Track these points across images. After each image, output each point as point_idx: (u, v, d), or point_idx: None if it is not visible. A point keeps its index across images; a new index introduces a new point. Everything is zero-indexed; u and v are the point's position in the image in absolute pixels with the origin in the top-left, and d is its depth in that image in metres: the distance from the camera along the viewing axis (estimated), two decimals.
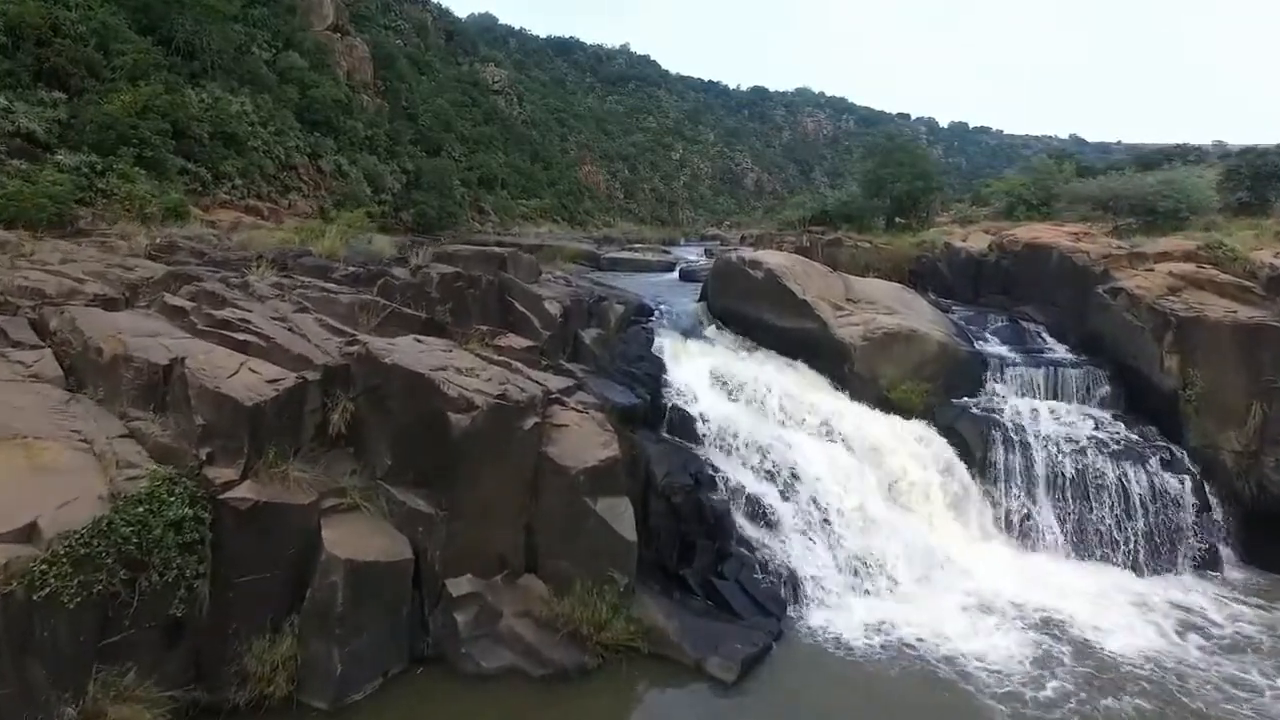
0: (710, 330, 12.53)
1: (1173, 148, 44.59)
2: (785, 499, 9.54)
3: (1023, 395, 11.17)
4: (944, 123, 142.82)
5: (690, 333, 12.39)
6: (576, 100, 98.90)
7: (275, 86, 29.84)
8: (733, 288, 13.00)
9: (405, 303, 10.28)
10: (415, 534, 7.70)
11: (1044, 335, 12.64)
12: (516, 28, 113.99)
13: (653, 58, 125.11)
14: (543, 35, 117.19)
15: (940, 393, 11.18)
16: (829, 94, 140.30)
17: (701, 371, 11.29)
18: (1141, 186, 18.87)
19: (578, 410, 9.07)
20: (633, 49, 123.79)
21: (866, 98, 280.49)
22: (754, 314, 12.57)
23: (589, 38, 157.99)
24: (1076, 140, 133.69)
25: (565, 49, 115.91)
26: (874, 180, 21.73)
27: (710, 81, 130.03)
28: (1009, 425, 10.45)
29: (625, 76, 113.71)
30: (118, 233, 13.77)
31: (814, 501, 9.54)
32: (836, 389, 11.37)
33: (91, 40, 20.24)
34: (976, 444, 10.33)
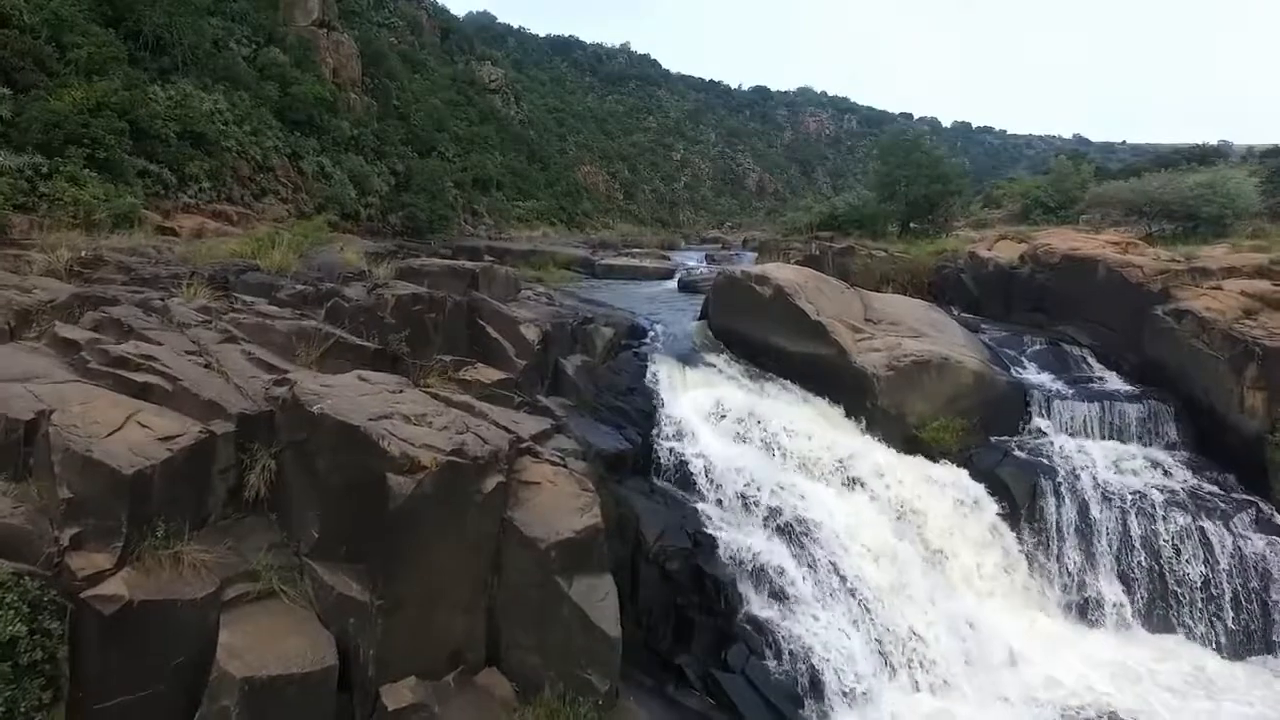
0: (711, 356, 11.03)
1: (1190, 148, 43.01)
2: (801, 564, 8.04)
3: (1073, 434, 9.66)
4: (947, 122, 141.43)
5: (689, 359, 10.89)
6: (576, 100, 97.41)
7: (254, 84, 28.37)
8: (737, 306, 11.51)
9: (355, 329, 8.79)
10: (345, 626, 6.18)
11: (1090, 361, 11.13)
12: (515, 26, 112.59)
13: (653, 57, 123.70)
14: (542, 34, 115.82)
15: (977, 431, 9.68)
16: (831, 94, 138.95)
17: (702, 405, 9.81)
18: (1181, 189, 17.39)
19: (553, 463, 7.57)
20: (633, 48, 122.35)
21: (869, 97, 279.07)
22: (761, 337, 11.08)
23: (589, 37, 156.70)
24: (1080, 140, 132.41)
25: (565, 48, 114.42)
26: (887, 182, 20.22)
27: (711, 81, 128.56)
28: (1060, 472, 8.94)
29: (625, 76, 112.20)
30: (48, 243, 12.30)
31: (834, 568, 8.04)
32: (857, 426, 9.87)
33: (43, 31, 18.75)
34: (1022, 495, 8.82)
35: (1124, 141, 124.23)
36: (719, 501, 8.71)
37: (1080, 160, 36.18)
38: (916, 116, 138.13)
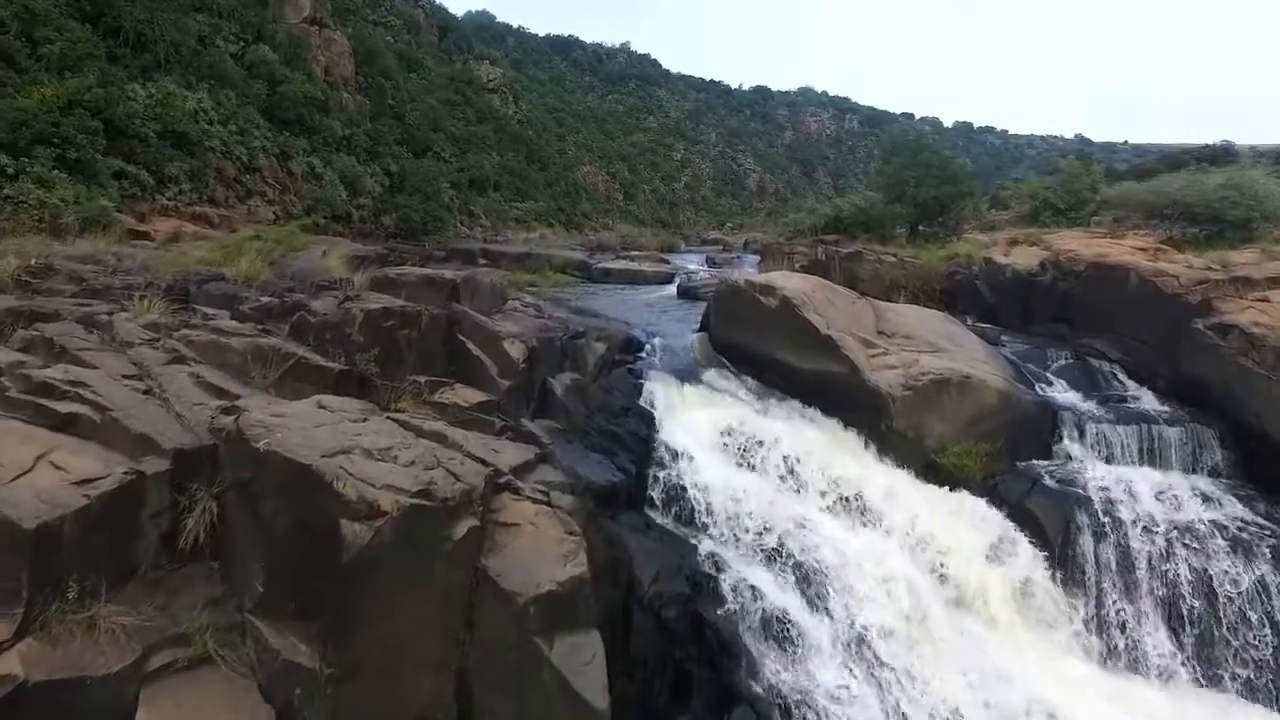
0: (712, 373, 10.22)
1: (1200, 148, 42.23)
2: (813, 611, 7.23)
3: (1108, 460, 8.84)
4: (948, 122, 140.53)
5: (688, 375, 10.08)
6: (576, 100, 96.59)
7: (241, 82, 27.56)
8: (740, 318, 10.70)
9: (321, 347, 7.98)
10: (291, 697, 5.36)
11: (1121, 377, 10.30)
12: (515, 26, 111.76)
13: (653, 56, 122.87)
14: (541, 33, 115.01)
15: (1002, 456, 8.87)
16: (832, 94, 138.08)
17: (702, 428, 9.00)
18: (1205, 191, 16.54)
19: (535, 500, 6.76)
20: (633, 48, 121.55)
21: (870, 97, 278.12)
22: (766, 351, 10.27)
23: (589, 36, 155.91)
24: (1082, 140, 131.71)
25: (564, 47, 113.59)
26: (894, 184, 19.38)
27: (712, 81, 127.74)
28: (1096, 503, 8.12)
29: (625, 75, 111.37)
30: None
31: (850, 617, 7.22)
32: (871, 451, 9.05)
33: (13, 26, 17.95)
34: (1055, 529, 7.99)
35: (1126, 141, 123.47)
36: (721, 538, 7.90)
37: (1090, 161, 35.36)
38: (918, 116, 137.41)
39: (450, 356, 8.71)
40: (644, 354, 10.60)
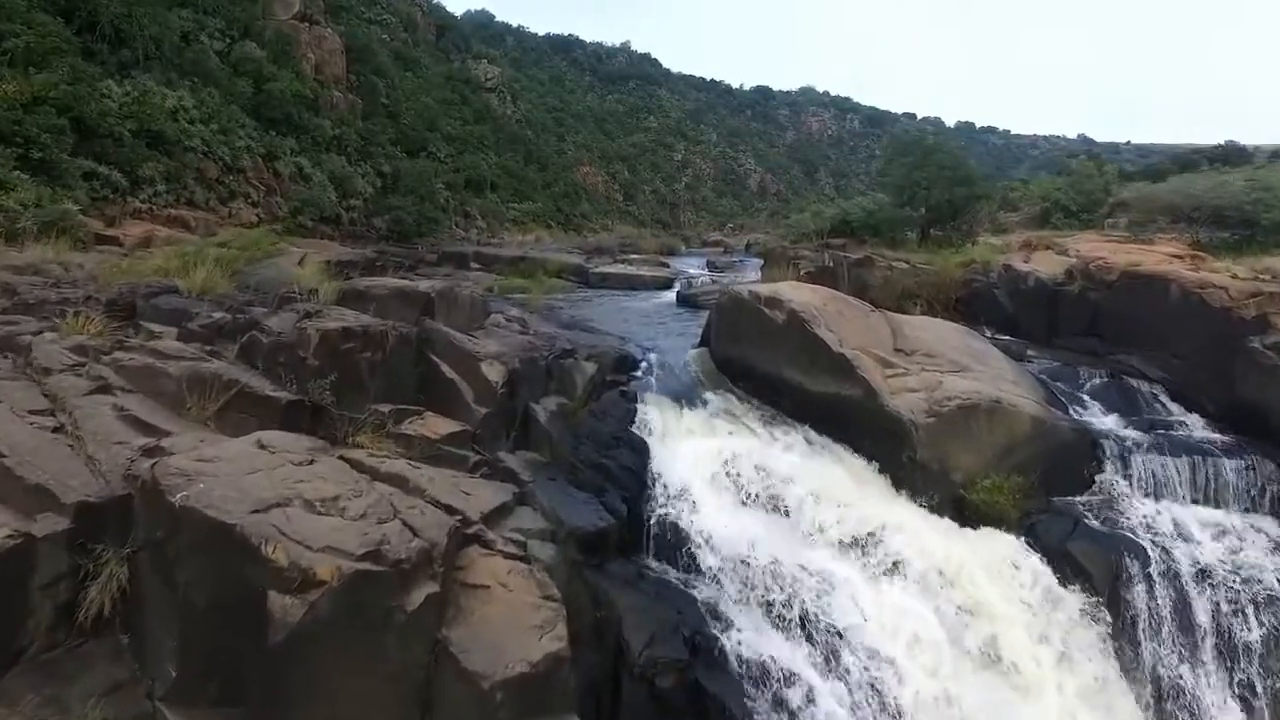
0: (713, 394, 9.29)
1: (1212, 147, 41.31)
2: (829, 677, 6.30)
3: (1156, 496, 7.90)
4: (950, 122, 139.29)
5: (687, 397, 9.15)
6: (575, 99, 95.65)
7: (226, 80, 26.65)
8: (744, 332, 9.78)
9: (272, 372, 7.06)
10: None
11: (1163, 400, 9.38)
12: (514, 25, 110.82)
13: (654, 56, 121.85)
14: (541, 33, 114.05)
15: (1037, 491, 7.93)
16: (834, 94, 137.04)
17: (703, 460, 8.07)
18: (1235, 192, 15.62)
19: (508, 555, 5.83)
20: (633, 47, 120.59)
21: (871, 97, 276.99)
22: (772, 370, 9.35)
23: (589, 35, 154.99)
24: (1085, 140, 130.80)
25: (564, 47, 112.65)
26: (904, 185, 18.44)
27: (712, 80, 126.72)
28: (1147, 548, 7.19)
29: (626, 75, 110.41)
30: None
31: (869, 678, 6.30)
32: (891, 484, 8.13)
33: None
34: (1103, 578, 7.05)
35: (1129, 142, 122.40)
36: (723, 589, 6.97)
37: (1102, 161, 34.43)
38: (920, 116, 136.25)
39: (421, 381, 7.78)
40: (639, 373, 9.67)
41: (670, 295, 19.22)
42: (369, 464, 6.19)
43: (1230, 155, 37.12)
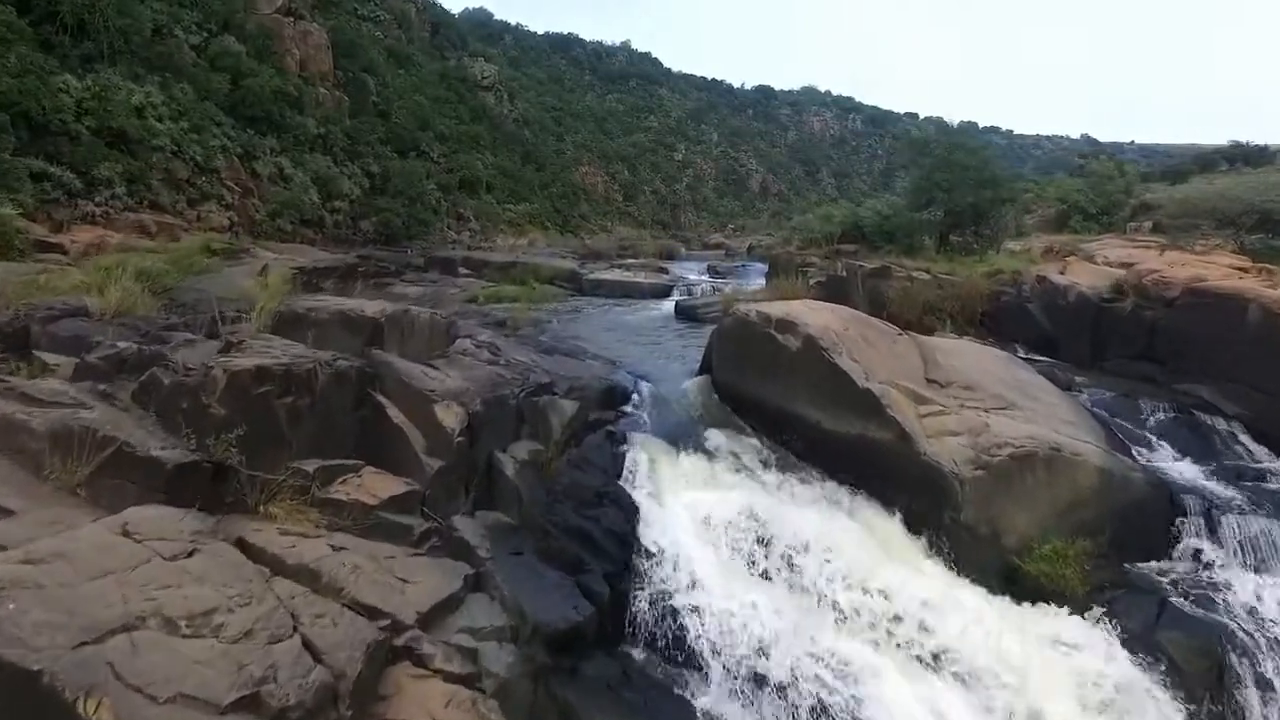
0: (716, 434, 7.91)
1: (1230, 147, 39.95)
2: None
3: (1257, 568, 6.52)
4: (953, 122, 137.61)
5: (685, 438, 7.79)
6: (575, 99, 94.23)
7: (201, 75, 25.28)
8: (751, 361, 8.41)
9: (169, 420, 5.69)
10: None
11: (1244, 440, 8.02)
12: (513, 24, 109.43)
13: (654, 55, 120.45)
14: (540, 31, 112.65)
15: (1109, 561, 6.56)
16: (835, 93, 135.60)
17: (702, 518, 6.72)
18: None
19: (449, 676, 4.47)
20: (634, 46, 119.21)
21: (873, 97, 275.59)
22: (785, 404, 7.99)
23: (589, 34, 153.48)
24: (1088, 140, 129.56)
25: (564, 46, 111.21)
26: (922, 188, 17.07)
27: (714, 80, 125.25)
28: (1255, 637, 5.82)
29: (626, 74, 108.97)
30: None
31: None
32: (925, 549, 6.76)
33: None
34: (1201, 676, 5.68)
35: (1132, 141, 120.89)
36: (727, 689, 5.61)
37: (1121, 162, 33.09)
38: (922, 116, 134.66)
39: (362, 429, 6.40)
40: (629, 407, 8.31)
41: (668, 305, 17.88)
42: (273, 550, 4.84)
43: (1250, 155, 35.81)
